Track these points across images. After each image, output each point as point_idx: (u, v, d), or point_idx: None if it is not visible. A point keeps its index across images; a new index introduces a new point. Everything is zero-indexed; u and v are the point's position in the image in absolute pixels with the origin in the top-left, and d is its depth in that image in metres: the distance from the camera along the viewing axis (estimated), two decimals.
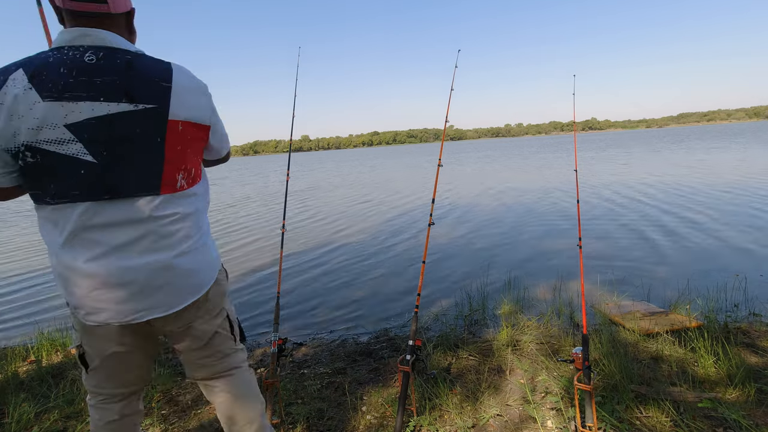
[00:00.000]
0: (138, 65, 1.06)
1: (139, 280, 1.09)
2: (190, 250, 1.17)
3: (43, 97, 0.98)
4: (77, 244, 1.05)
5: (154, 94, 1.06)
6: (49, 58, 1.01)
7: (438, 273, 4.92)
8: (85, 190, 1.03)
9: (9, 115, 0.98)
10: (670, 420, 1.88)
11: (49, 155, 1.01)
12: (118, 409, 1.31)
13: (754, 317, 3.16)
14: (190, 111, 1.12)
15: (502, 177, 16.25)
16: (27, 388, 2.53)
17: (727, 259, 4.76)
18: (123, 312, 1.10)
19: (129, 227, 1.07)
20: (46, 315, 4.38)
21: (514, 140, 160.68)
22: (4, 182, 1.10)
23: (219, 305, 1.31)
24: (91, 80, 1.01)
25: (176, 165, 1.12)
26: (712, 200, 8.24)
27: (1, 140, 1.00)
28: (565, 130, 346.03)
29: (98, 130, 1.02)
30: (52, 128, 0.99)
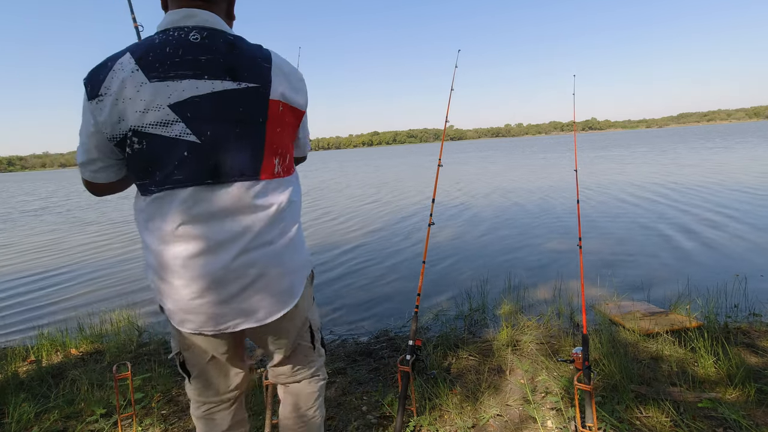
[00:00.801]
0: (240, 46, 1.04)
1: (243, 281, 1.04)
2: (291, 247, 1.11)
3: (149, 77, 0.96)
4: (181, 240, 1.00)
5: (257, 73, 1.03)
6: (155, 40, 1.00)
7: (438, 273, 4.92)
8: (189, 174, 0.99)
9: (115, 100, 0.96)
10: (670, 420, 1.88)
11: (155, 139, 0.98)
12: (226, 419, 1.27)
13: (754, 317, 3.16)
14: (289, 93, 1.09)
15: (505, 176, 16.26)
16: (27, 388, 2.52)
17: (727, 259, 4.76)
18: (218, 320, 1.05)
19: (231, 219, 1.01)
20: (46, 315, 4.38)
21: (514, 140, 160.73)
22: (110, 176, 1.08)
23: (304, 313, 1.25)
24: (196, 58, 0.99)
25: (274, 148, 1.08)
26: (713, 200, 8.24)
27: (106, 128, 0.98)
28: (565, 130, 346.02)
29: (201, 109, 0.99)
30: (157, 110, 0.96)
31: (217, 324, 1.06)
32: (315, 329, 1.32)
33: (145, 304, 4.48)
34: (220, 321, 1.06)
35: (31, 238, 9.41)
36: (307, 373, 1.35)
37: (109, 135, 0.99)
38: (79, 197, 20.35)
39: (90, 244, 8.11)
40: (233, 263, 1.02)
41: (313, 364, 1.35)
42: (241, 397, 1.33)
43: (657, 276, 4.34)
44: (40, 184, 45.25)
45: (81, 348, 3.16)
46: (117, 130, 0.98)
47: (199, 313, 1.04)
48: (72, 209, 15.27)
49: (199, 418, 1.27)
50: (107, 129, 0.98)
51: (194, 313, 1.04)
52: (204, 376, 1.21)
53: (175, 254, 1.01)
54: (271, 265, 1.06)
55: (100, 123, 0.98)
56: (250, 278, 1.04)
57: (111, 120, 0.97)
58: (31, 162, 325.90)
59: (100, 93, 0.96)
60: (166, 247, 1.01)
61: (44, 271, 6.22)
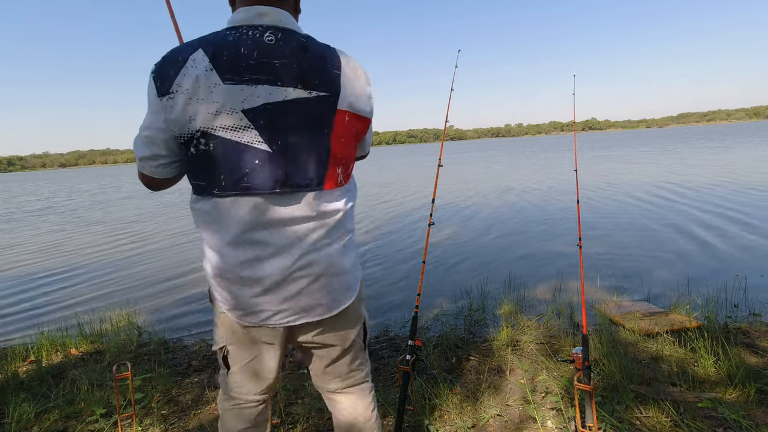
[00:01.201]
0: (311, 49, 1.02)
1: (302, 282, 1.06)
2: (346, 250, 1.13)
3: (223, 79, 0.94)
4: (244, 244, 1.01)
5: (327, 81, 1.02)
6: (228, 37, 0.97)
7: (438, 273, 4.92)
8: (258, 182, 0.98)
9: (188, 98, 0.94)
10: (670, 420, 1.88)
11: (224, 143, 0.96)
12: (254, 416, 1.27)
13: (754, 317, 3.16)
14: (356, 101, 1.08)
15: (507, 176, 16.26)
16: (27, 388, 2.53)
17: (727, 259, 4.76)
18: (279, 315, 1.08)
19: (295, 226, 1.03)
20: (46, 315, 4.38)
21: (514, 140, 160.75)
22: (171, 172, 1.07)
23: (359, 311, 1.26)
24: (271, 62, 0.97)
25: (338, 158, 1.08)
26: (713, 200, 8.24)
27: (175, 126, 0.97)
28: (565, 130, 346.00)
29: (274, 117, 0.98)
30: (229, 113, 0.95)
31: (280, 318, 1.08)
32: (367, 328, 1.33)
33: (145, 304, 4.49)
34: (282, 317, 1.08)
35: (32, 238, 9.41)
36: (360, 376, 1.33)
37: (178, 133, 0.98)
38: (81, 197, 20.35)
39: (90, 245, 8.11)
40: (295, 265, 1.04)
41: (364, 366, 1.34)
42: (269, 400, 1.34)
43: (657, 276, 4.34)
44: (41, 183, 45.26)
45: (81, 348, 3.17)
46: (186, 129, 0.97)
47: (260, 309, 1.07)
48: (76, 209, 15.27)
49: (226, 410, 1.27)
50: (176, 127, 0.97)
51: (256, 309, 1.07)
52: (244, 371, 1.21)
53: (238, 257, 1.02)
54: (331, 265, 1.09)
55: (170, 120, 0.97)
56: (311, 277, 1.07)
57: (182, 119, 0.96)
58: (31, 162, 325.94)
59: (172, 90, 0.94)
60: (229, 250, 1.03)
61: (44, 272, 6.22)
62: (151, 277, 5.58)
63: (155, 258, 6.61)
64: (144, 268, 6.06)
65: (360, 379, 1.33)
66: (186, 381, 2.58)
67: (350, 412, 1.33)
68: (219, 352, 1.20)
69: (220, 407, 1.30)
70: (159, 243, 7.80)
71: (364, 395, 1.34)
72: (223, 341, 1.19)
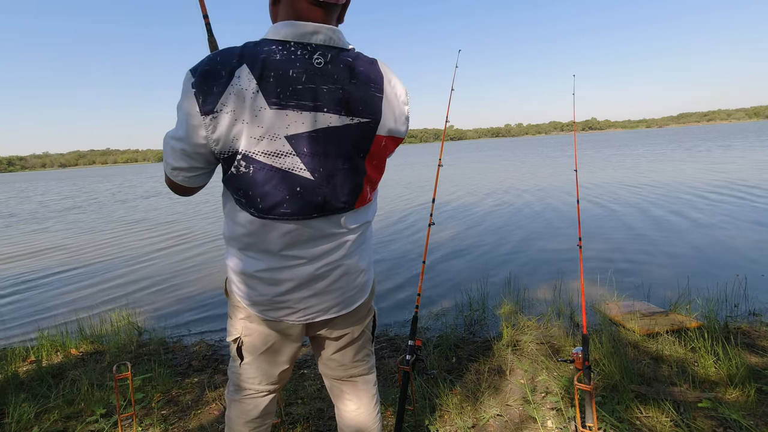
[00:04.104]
0: (358, 71, 1.01)
1: (325, 282, 1.09)
2: (365, 252, 1.18)
3: (269, 103, 0.93)
4: (275, 257, 1.04)
5: (369, 106, 1.02)
6: (275, 55, 0.94)
7: (438, 273, 4.92)
8: (297, 209, 0.99)
9: (233, 119, 0.92)
10: (670, 420, 1.88)
11: (265, 168, 0.96)
12: (261, 407, 1.29)
13: (754, 317, 3.16)
14: (394, 125, 1.08)
15: (508, 176, 16.26)
16: (27, 388, 2.52)
17: (727, 259, 4.76)
18: (302, 312, 1.11)
19: (326, 242, 1.06)
20: (46, 315, 4.38)
21: (515, 140, 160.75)
22: (201, 181, 1.07)
23: (371, 304, 1.30)
24: (318, 87, 0.96)
25: (371, 180, 1.09)
26: (713, 199, 8.25)
27: (216, 144, 0.95)
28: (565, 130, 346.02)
29: (317, 144, 0.97)
30: (272, 139, 0.94)
31: (300, 316, 1.12)
32: (376, 319, 1.37)
33: (145, 304, 4.49)
34: (303, 313, 1.11)
35: (31, 238, 9.41)
36: (365, 367, 1.35)
37: (219, 150, 0.96)
38: (81, 198, 20.35)
39: (91, 245, 8.11)
40: (322, 269, 1.08)
41: (369, 357, 1.36)
42: (278, 393, 1.36)
43: (657, 276, 4.34)
44: (40, 183, 45.26)
45: (81, 348, 3.16)
46: (228, 148, 0.95)
47: (282, 307, 1.10)
48: (80, 209, 15.27)
49: (234, 401, 1.29)
50: (218, 146, 0.95)
51: (276, 306, 1.10)
52: (257, 362, 1.22)
53: (269, 264, 1.05)
54: (354, 265, 1.14)
55: (212, 138, 0.94)
56: (333, 278, 1.10)
57: (225, 138, 0.94)
58: (31, 162, 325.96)
59: (216, 109, 0.92)
60: (260, 257, 1.05)
61: (44, 272, 6.22)
62: (152, 277, 5.57)
63: (155, 258, 6.61)
64: (144, 268, 6.06)
65: (365, 370, 1.35)
66: (186, 381, 2.58)
67: (354, 402, 1.35)
68: (233, 344, 1.21)
69: (227, 399, 1.31)
70: (159, 243, 7.80)
71: (367, 386, 1.36)
72: (239, 332, 1.19)
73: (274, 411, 1.36)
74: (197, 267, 5.90)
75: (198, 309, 4.22)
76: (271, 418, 1.35)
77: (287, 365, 1.26)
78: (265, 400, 1.29)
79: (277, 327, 1.16)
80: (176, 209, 12.58)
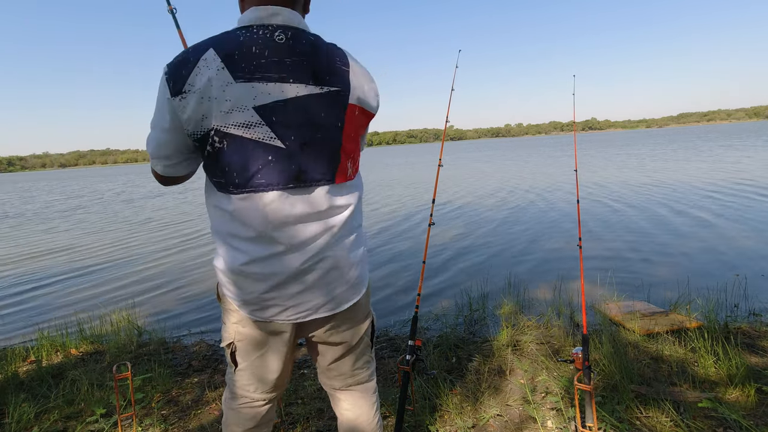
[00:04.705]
0: (321, 47, 1.04)
1: (313, 276, 1.07)
2: (355, 246, 1.14)
3: (235, 77, 0.95)
4: (259, 240, 1.02)
5: (337, 77, 1.04)
6: (240, 38, 0.98)
7: (438, 273, 4.92)
8: (272, 178, 1.00)
9: (200, 98, 0.95)
10: (670, 420, 1.88)
11: (237, 140, 0.98)
12: (259, 416, 1.27)
13: (754, 317, 3.16)
14: (364, 96, 1.10)
15: (509, 176, 16.26)
16: (27, 388, 2.53)
17: (727, 259, 4.76)
18: (292, 310, 1.09)
19: (310, 222, 1.04)
20: (46, 315, 4.38)
21: (515, 140, 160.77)
22: (181, 170, 1.09)
23: (367, 308, 1.27)
24: (282, 60, 0.99)
25: (348, 152, 1.09)
26: (713, 199, 8.24)
27: (189, 125, 0.98)
28: (565, 130, 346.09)
29: (286, 113, 0.99)
30: (241, 111, 0.96)
31: (291, 314, 1.09)
32: (375, 326, 1.34)
33: (145, 304, 4.49)
34: (291, 313, 1.09)
35: (38, 239, 9.41)
36: (365, 375, 1.32)
37: (191, 132, 0.99)
38: (86, 198, 20.35)
39: (93, 245, 8.11)
40: (309, 260, 1.05)
41: (369, 364, 1.34)
42: (277, 399, 1.33)
43: (657, 276, 4.34)
44: (42, 183, 45.25)
45: (81, 348, 3.17)
46: (199, 128, 0.98)
47: (271, 305, 1.08)
48: (85, 209, 15.27)
49: (231, 409, 1.27)
50: (190, 126, 0.98)
51: (266, 305, 1.08)
52: (251, 369, 1.20)
53: (252, 253, 1.03)
54: (343, 258, 1.10)
55: (183, 120, 0.98)
56: (322, 272, 1.08)
57: (195, 117, 0.97)
58: (31, 162, 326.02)
59: (184, 90, 0.95)
60: (243, 246, 1.03)
61: (44, 272, 6.22)
62: (152, 277, 5.58)
63: (155, 258, 6.61)
64: (144, 268, 6.06)
65: (365, 378, 1.33)
66: (186, 381, 2.58)
67: (353, 411, 1.32)
68: (227, 349, 1.20)
69: (224, 406, 1.29)
70: (159, 243, 7.80)
71: (367, 395, 1.34)
72: (231, 337, 1.18)
73: (273, 419, 1.34)
74: (198, 267, 5.90)
75: (198, 309, 4.22)
76: (269, 426, 1.32)
77: (282, 371, 1.24)
78: (263, 410, 1.27)
79: (268, 329, 1.14)
80: (183, 209, 12.58)
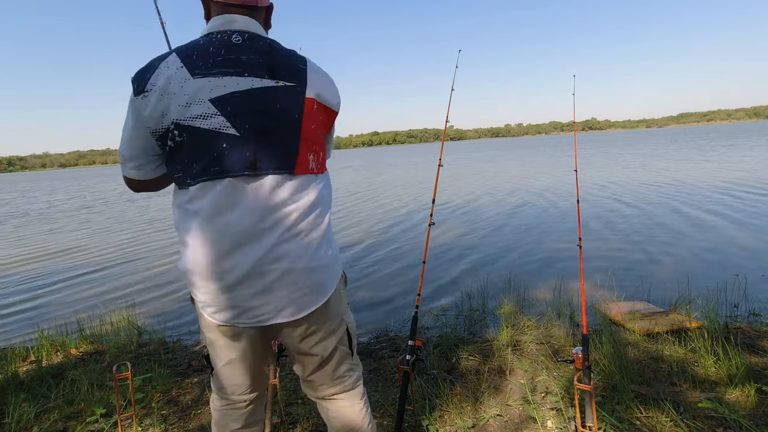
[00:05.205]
0: (278, 48, 1.10)
1: (272, 275, 1.05)
2: (321, 245, 1.12)
3: (193, 74, 1.01)
4: (215, 232, 1.03)
5: (294, 73, 1.09)
6: (200, 42, 1.06)
7: (438, 273, 4.92)
8: (227, 165, 1.02)
9: (160, 95, 1.00)
10: (670, 420, 1.88)
11: (195, 131, 1.01)
12: (244, 417, 1.27)
13: (754, 317, 3.16)
14: (323, 93, 1.13)
15: (509, 176, 16.25)
16: (27, 388, 2.53)
17: (727, 259, 4.76)
18: (250, 313, 1.07)
19: (265, 212, 1.04)
20: (46, 315, 4.38)
21: (515, 140, 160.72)
22: (147, 173, 1.13)
23: (340, 314, 1.23)
24: (238, 57, 1.04)
25: (309, 144, 1.11)
26: (713, 199, 8.24)
27: (150, 122, 1.02)
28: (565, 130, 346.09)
29: (241, 103, 1.03)
30: (198, 103, 1.01)
31: (250, 317, 1.08)
32: (352, 333, 1.30)
33: (145, 304, 4.49)
34: (252, 314, 1.08)
35: (31, 238, 9.41)
36: (349, 382, 1.29)
37: (153, 128, 1.03)
38: (89, 198, 20.33)
39: (91, 245, 8.11)
40: (266, 256, 1.04)
41: (353, 372, 1.31)
42: (261, 399, 1.32)
43: (657, 276, 4.34)
44: (44, 183, 45.25)
45: (81, 348, 3.17)
46: (160, 124, 1.02)
47: (231, 306, 1.07)
48: (90, 208, 15.27)
49: (216, 410, 1.28)
50: (151, 123, 1.02)
51: (227, 305, 1.07)
52: (226, 371, 1.21)
53: (209, 247, 1.04)
54: (301, 258, 1.08)
55: (144, 117, 1.02)
56: (281, 271, 1.06)
57: (155, 114, 1.01)
58: (31, 162, 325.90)
59: (146, 89, 1.01)
60: (201, 240, 1.04)
61: (44, 272, 6.22)
62: (152, 277, 5.58)
63: (156, 258, 6.61)
64: (144, 268, 6.06)
65: (349, 386, 1.30)
66: (186, 381, 2.58)
67: (340, 420, 1.29)
68: (204, 351, 1.22)
69: (212, 407, 1.30)
70: (159, 243, 7.80)
71: (354, 401, 1.30)
72: (205, 340, 1.20)
73: (261, 419, 1.33)
74: None
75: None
76: (259, 425, 1.32)
77: (257, 372, 1.24)
78: (246, 411, 1.27)
79: (231, 332, 1.13)
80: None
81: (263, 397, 1.35)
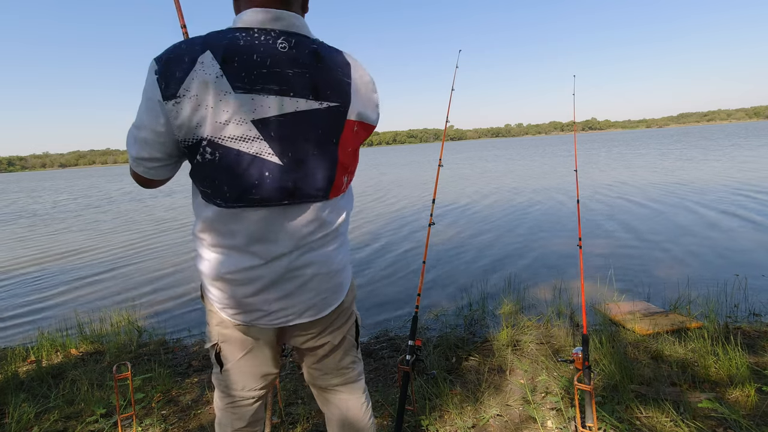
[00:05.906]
0: (324, 57, 1.01)
1: (296, 282, 1.05)
2: (339, 251, 1.12)
3: (234, 87, 0.91)
4: (247, 253, 1.00)
5: (338, 91, 1.01)
6: (239, 41, 0.93)
7: (438, 273, 4.92)
8: (266, 195, 0.96)
9: (197, 104, 0.90)
10: (670, 420, 1.88)
11: (231, 153, 0.93)
12: (249, 414, 1.27)
13: (754, 317, 3.16)
14: (364, 110, 1.07)
15: (509, 176, 16.25)
16: (27, 388, 2.53)
17: (727, 259, 4.76)
18: (272, 315, 1.07)
19: (298, 235, 1.02)
20: (46, 315, 4.38)
21: (515, 140, 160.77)
22: (164, 174, 1.04)
23: (350, 309, 1.25)
24: (283, 71, 0.95)
25: (345, 167, 1.07)
26: (714, 199, 8.24)
27: (180, 131, 0.92)
28: (566, 130, 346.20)
29: (284, 129, 0.96)
30: (238, 123, 0.92)
31: (272, 319, 1.08)
32: (359, 324, 1.33)
33: (145, 305, 4.49)
34: (275, 316, 1.07)
35: (31, 238, 9.41)
36: (352, 374, 1.30)
37: (182, 138, 0.94)
38: (94, 198, 20.34)
39: (91, 245, 8.11)
40: (294, 263, 1.04)
41: (356, 364, 1.32)
42: (265, 397, 1.33)
43: (657, 276, 4.34)
44: (46, 183, 45.24)
45: (81, 348, 3.17)
46: (191, 135, 0.93)
47: (255, 309, 1.06)
48: (83, 210, 15.27)
49: (221, 409, 1.27)
50: (181, 132, 0.93)
51: (250, 309, 1.06)
52: (237, 368, 1.20)
53: (237, 263, 1.01)
54: (326, 264, 1.08)
55: (174, 125, 0.92)
56: (305, 278, 1.06)
57: (188, 124, 0.92)
58: (31, 162, 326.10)
59: (179, 95, 0.90)
60: (229, 256, 1.01)
61: (44, 272, 6.22)
62: (152, 277, 5.58)
63: (155, 258, 6.61)
64: (144, 268, 6.06)
65: (352, 378, 1.31)
66: (186, 381, 2.58)
67: (341, 412, 1.31)
68: (211, 350, 1.19)
69: (215, 406, 1.29)
70: (159, 243, 7.80)
71: (356, 394, 1.32)
72: (215, 339, 1.18)
73: (263, 417, 1.34)
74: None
75: (198, 309, 4.22)
76: (260, 424, 1.32)
77: (269, 369, 1.24)
78: (252, 408, 1.27)
79: (250, 332, 1.13)
80: (191, 209, 12.57)
81: (267, 395, 1.36)
